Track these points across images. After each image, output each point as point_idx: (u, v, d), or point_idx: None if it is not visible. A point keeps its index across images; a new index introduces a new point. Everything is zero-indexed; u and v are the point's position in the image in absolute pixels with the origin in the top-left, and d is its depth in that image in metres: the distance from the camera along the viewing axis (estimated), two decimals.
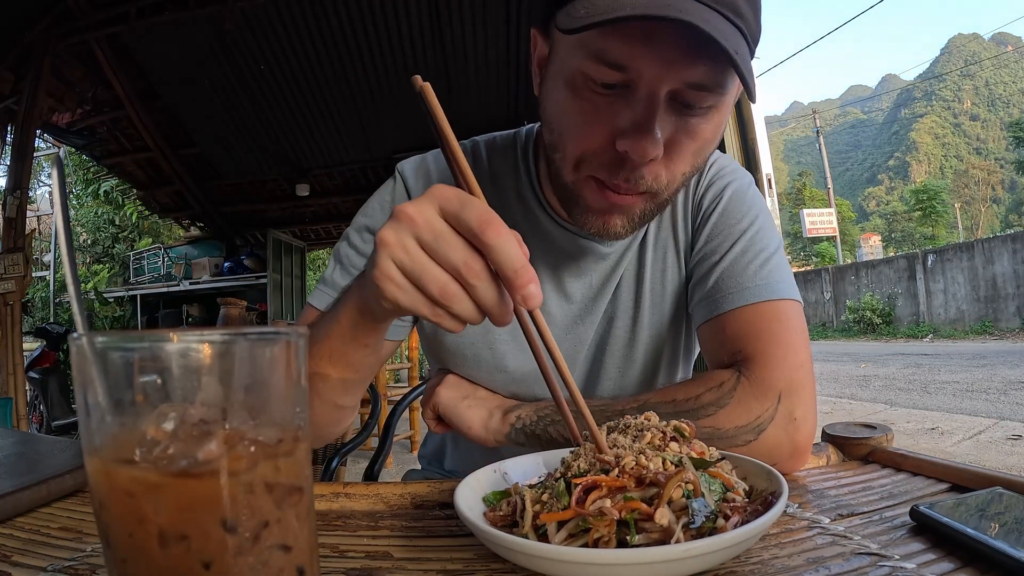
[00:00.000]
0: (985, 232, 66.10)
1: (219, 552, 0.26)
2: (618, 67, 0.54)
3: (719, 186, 0.76)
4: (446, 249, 0.43)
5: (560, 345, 0.77)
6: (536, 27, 0.66)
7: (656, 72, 0.53)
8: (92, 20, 3.77)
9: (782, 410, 0.61)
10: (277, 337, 0.29)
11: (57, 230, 3.39)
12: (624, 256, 0.78)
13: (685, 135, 0.58)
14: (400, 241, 0.44)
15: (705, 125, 0.59)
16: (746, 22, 0.53)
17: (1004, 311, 13.24)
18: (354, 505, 0.56)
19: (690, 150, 0.60)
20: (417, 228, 0.43)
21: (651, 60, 0.53)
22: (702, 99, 0.56)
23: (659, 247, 0.78)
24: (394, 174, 0.82)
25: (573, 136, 0.60)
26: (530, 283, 0.42)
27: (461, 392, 0.75)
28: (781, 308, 0.67)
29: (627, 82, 0.55)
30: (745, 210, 0.74)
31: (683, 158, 0.60)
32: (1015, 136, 29.43)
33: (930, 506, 0.42)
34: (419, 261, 0.44)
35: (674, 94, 0.55)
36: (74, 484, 0.60)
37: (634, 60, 0.53)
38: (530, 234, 0.76)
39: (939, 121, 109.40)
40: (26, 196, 3.62)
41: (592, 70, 0.55)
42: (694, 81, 0.54)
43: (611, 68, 0.54)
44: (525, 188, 0.77)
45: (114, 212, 10.58)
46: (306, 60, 4.21)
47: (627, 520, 0.38)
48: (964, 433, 4.18)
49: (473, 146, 0.82)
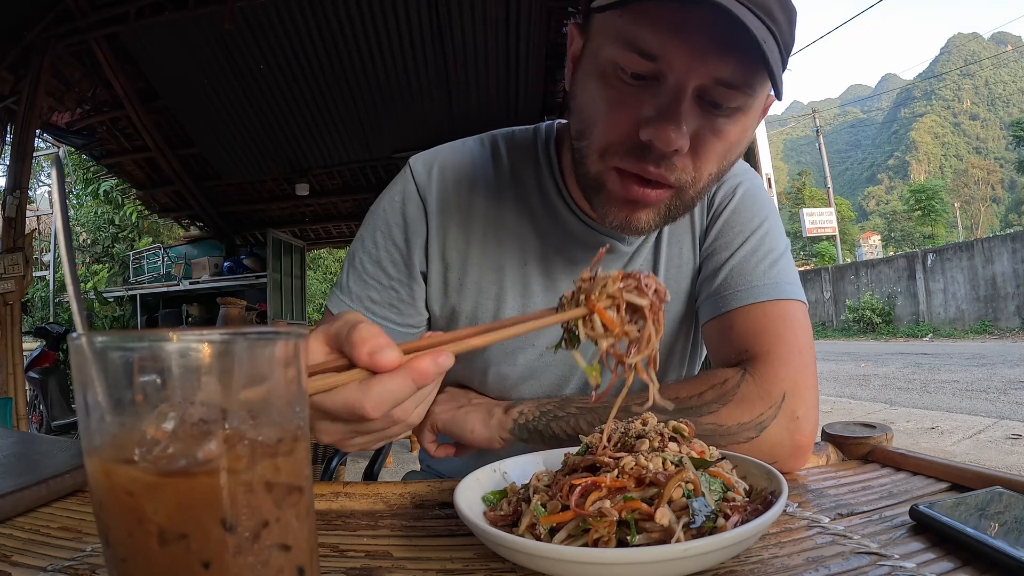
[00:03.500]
0: (985, 231, 66.06)
1: (219, 552, 0.26)
2: (648, 56, 0.54)
3: (731, 184, 0.77)
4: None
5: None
6: (575, 23, 0.67)
7: (686, 63, 0.54)
8: (92, 20, 3.76)
9: (785, 409, 0.61)
10: (277, 337, 0.29)
11: (57, 230, 3.39)
12: (640, 251, 0.78)
13: (711, 133, 0.59)
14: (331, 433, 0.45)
15: (732, 127, 0.59)
16: (779, 27, 0.53)
17: (1004, 311, 13.23)
18: (354, 505, 0.56)
19: (716, 150, 0.60)
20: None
21: (681, 50, 0.53)
22: (730, 98, 0.56)
23: (674, 243, 0.78)
24: (404, 169, 0.81)
25: (600, 125, 0.60)
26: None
27: (457, 402, 0.75)
28: (788, 308, 0.68)
29: (656, 73, 0.55)
30: (756, 210, 0.75)
31: (709, 157, 0.60)
32: (1015, 135, 29.45)
33: (930, 505, 0.42)
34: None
35: (702, 91, 0.56)
36: (74, 484, 0.60)
37: (664, 49, 0.54)
38: (549, 225, 0.76)
39: (939, 120, 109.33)
40: (26, 196, 3.62)
41: (623, 59, 0.56)
42: (723, 77, 0.54)
43: (642, 57, 0.55)
44: (546, 180, 0.77)
45: (114, 212, 10.56)
46: (306, 60, 4.20)
47: (627, 520, 0.38)
48: (964, 432, 4.18)
49: (491, 141, 0.81)
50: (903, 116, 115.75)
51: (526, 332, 0.41)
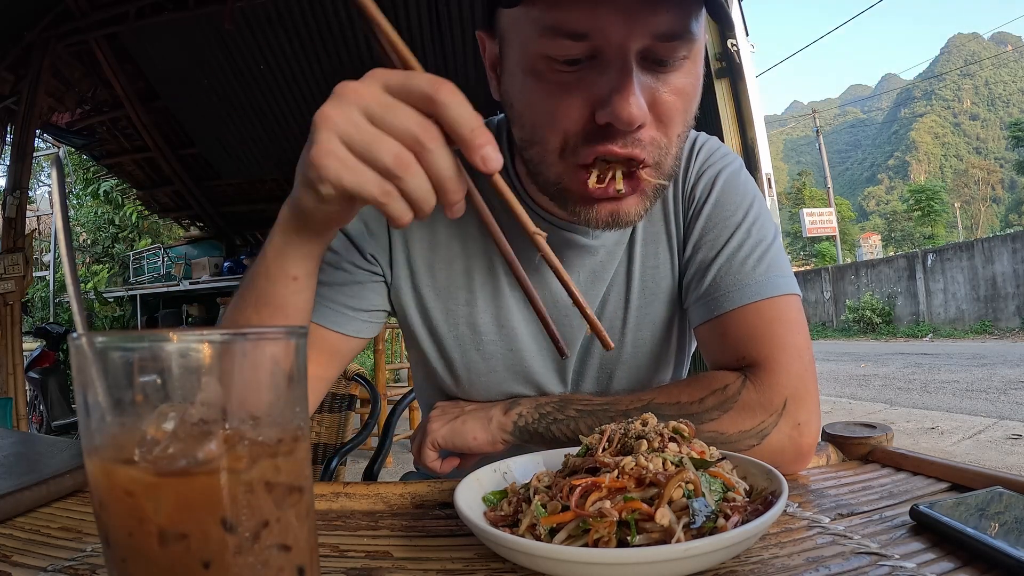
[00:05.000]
0: (985, 232, 66.11)
1: (219, 552, 0.26)
2: (578, 36, 0.51)
3: (711, 174, 0.73)
4: (398, 117, 0.40)
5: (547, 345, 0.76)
6: (481, 30, 0.64)
7: (620, 30, 0.50)
8: (92, 20, 3.77)
9: (786, 415, 0.60)
10: (277, 337, 0.29)
11: (57, 230, 3.39)
12: (614, 252, 0.74)
13: (668, 93, 0.55)
14: (346, 115, 0.40)
15: (684, 78, 0.55)
16: None
17: (1004, 311, 13.23)
18: (354, 505, 0.56)
19: (677, 108, 0.56)
20: (364, 101, 0.40)
21: (612, 18, 0.50)
22: (673, 50, 0.53)
23: (649, 242, 0.74)
24: None
25: (549, 124, 0.56)
26: (488, 143, 0.40)
27: (452, 414, 0.72)
28: (782, 306, 0.66)
29: (592, 52, 0.52)
30: (739, 200, 0.71)
31: (673, 118, 0.56)
32: (1015, 136, 29.43)
33: (930, 506, 0.42)
34: (368, 131, 0.40)
35: (644, 52, 0.52)
36: (74, 484, 0.60)
37: (594, 22, 0.50)
38: (510, 225, 0.73)
39: (939, 121, 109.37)
40: (26, 196, 3.62)
41: (551, 48, 0.52)
42: (661, 31, 0.51)
43: (571, 39, 0.51)
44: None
45: (114, 212, 10.56)
46: (306, 60, 4.21)
47: (627, 520, 0.38)
48: (964, 432, 4.18)
49: None
50: (903, 116, 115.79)
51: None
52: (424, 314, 0.76)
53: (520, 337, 0.75)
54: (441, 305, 0.75)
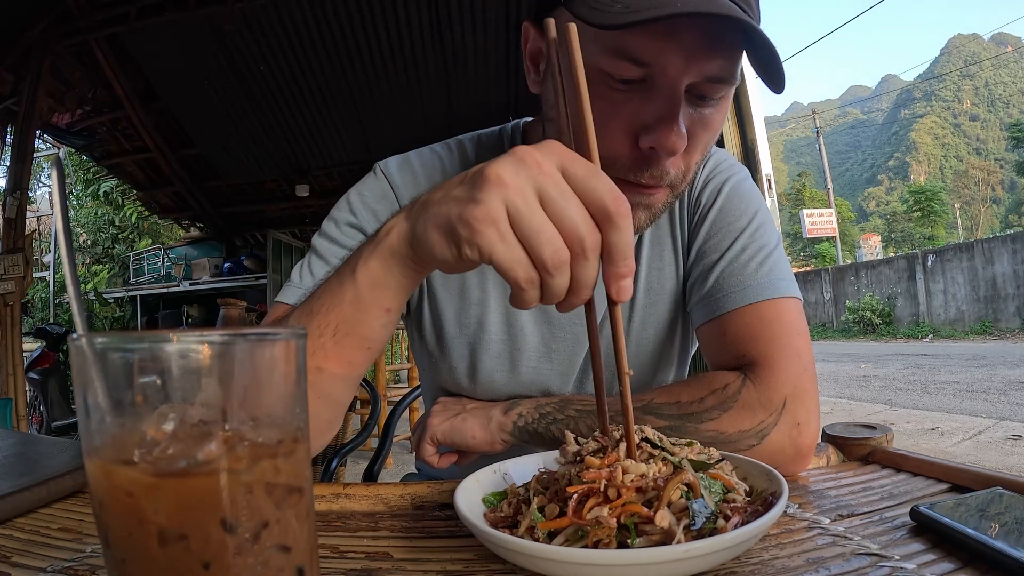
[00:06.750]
0: (985, 232, 66.10)
1: (219, 552, 0.26)
2: (640, 63, 0.54)
3: (717, 182, 0.76)
4: (570, 211, 0.37)
5: (554, 348, 0.77)
6: (529, 20, 0.65)
7: (679, 66, 0.54)
8: (92, 20, 3.77)
9: (786, 415, 0.61)
10: (277, 337, 0.29)
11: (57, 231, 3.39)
12: None
13: (700, 127, 0.59)
14: (520, 187, 0.38)
15: (717, 115, 0.60)
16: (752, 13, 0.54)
17: (1004, 311, 13.24)
18: (354, 506, 0.56)
19: (704, 141, 0.60)
20: (543, 179, 0.38)
21: (674, 54, 0.53)
22: (716, 91, 0.57)
23: (655, 246, 0.77)
24: (372, 171, 0.79)
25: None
26: (630, 275, 0.40)
27: (453, 411, 0.73)
28: (783, 308, 0.67)
29: (646, 77, 0.55)
30: (744, 207, 0.74)
31: (698, 148, 0.61)
32: (1014, 136, 29.45)
33: (930, 506, 0.42)
34: (538, 217, 0.38)
35: (690, 87, 0.56)
36: (74, 485, 0.60)
37: (658, 56, 0.53)
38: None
39: (939, 121, 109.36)
40: (26, 197, 3.62)
41: (612, 66, 0.55)
42: (713, 74, 0.55)
43: (633, 64, 0.54)
44: None
45: (114, 213, 10.56)
46: (306, 60, 4.21)
47: (627, 524, 0.38)
48: (964, 433, 4.18)
49: (458, 145, 0.79)
50: (903, 117, 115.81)
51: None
52: (434, 311, 0.78)
53: (527, 337, 0.77)
54: (453, 303, 0.77)
